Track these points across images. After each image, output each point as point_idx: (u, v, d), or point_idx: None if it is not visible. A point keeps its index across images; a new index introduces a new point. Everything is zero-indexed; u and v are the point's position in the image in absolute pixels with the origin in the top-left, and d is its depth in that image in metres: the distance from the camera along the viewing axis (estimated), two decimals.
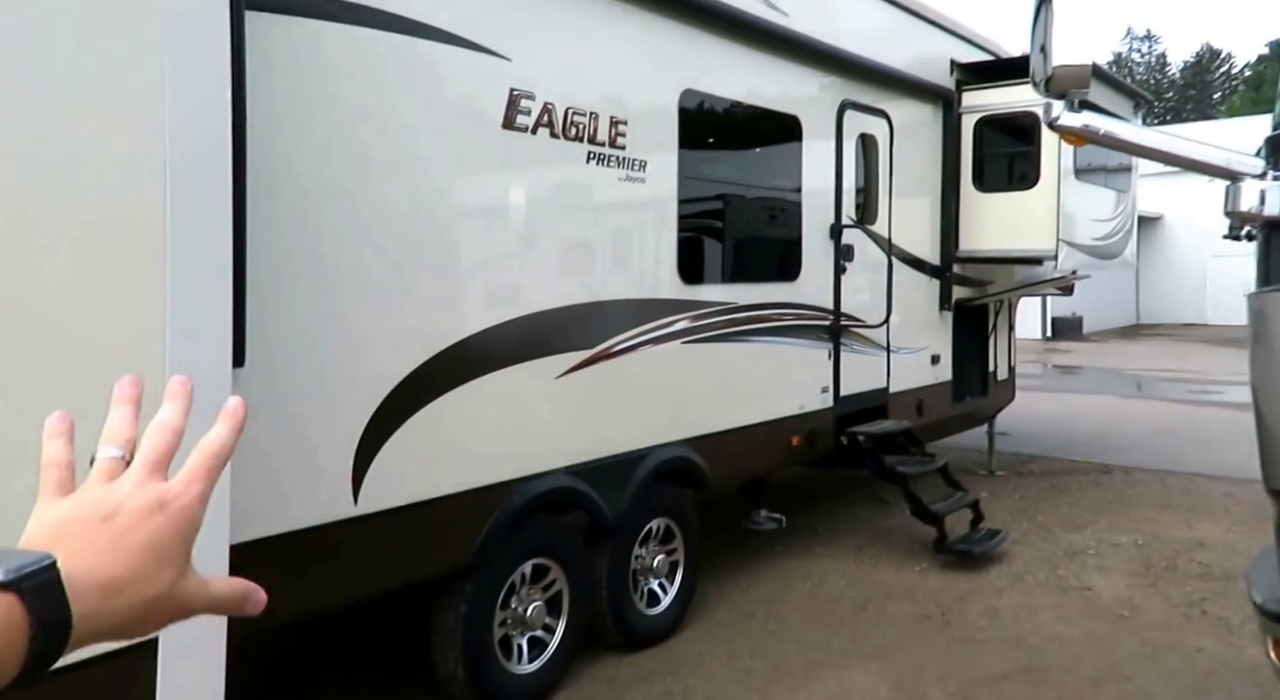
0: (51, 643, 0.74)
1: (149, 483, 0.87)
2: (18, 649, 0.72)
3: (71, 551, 0.79)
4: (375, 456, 4.24)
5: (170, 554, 0.84)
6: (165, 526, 0.85)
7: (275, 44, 3.78)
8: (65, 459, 0.90)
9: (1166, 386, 19.37)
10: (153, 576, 0.83)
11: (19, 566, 0.74)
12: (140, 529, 0.83)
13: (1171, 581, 7.19)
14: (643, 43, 5.79)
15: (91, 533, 0.82)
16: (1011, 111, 8.98)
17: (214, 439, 0.93)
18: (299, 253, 3.94)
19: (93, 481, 0.88)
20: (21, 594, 0.72)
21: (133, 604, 0.81)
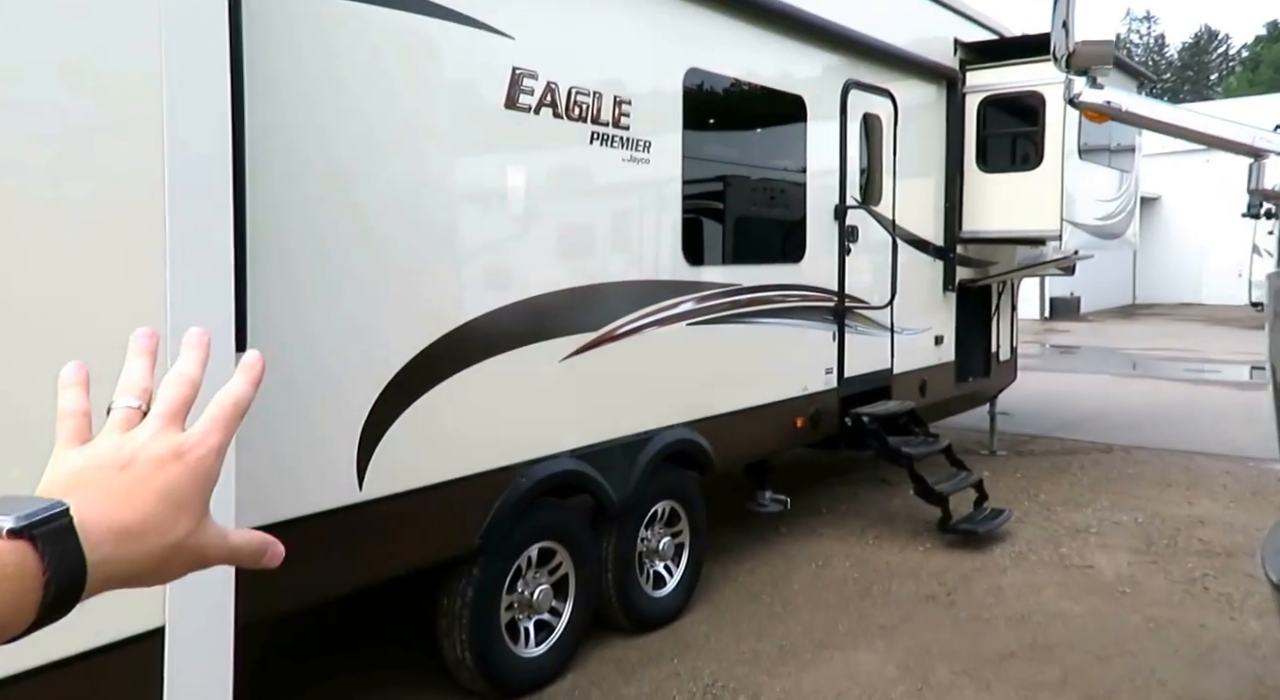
0: (66, 589, 0.75)
1: (166, 432, 0.86)
2: (32, 596, 0.72)
3: (87, 498, 0.78)
4: (380, 441, 4.17)
5: (187, 502, 0.84)
6: (182, 475, 0.84)
7: (272, 22, 3.69)
8: (81, 408, 0.89)
9: (1164, 365, 19.35)
10: (170, 524, 0.83)
11: (31, 513, 0.73)
12: (157, 477, 0.83)
13: (1172, 558, 7.18)
14: (647, 20, 5.70)
15: (107, 480, 0.82)
16: (1015, 91, 8.89)
17: (231, 391, 0.92)
18: (300, 236, 3.86)
19: (109, 430, 0.87)
20: (34, 540, 0.73)
21: (149, 551, 0.81)
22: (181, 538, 0.83)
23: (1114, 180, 9.87)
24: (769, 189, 6.91)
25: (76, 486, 0.81)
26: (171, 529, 0.82)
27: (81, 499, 0.78)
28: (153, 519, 0.82)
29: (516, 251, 4.90)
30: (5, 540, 0.72)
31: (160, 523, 0.82)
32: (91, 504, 0.78)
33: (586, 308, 5.28)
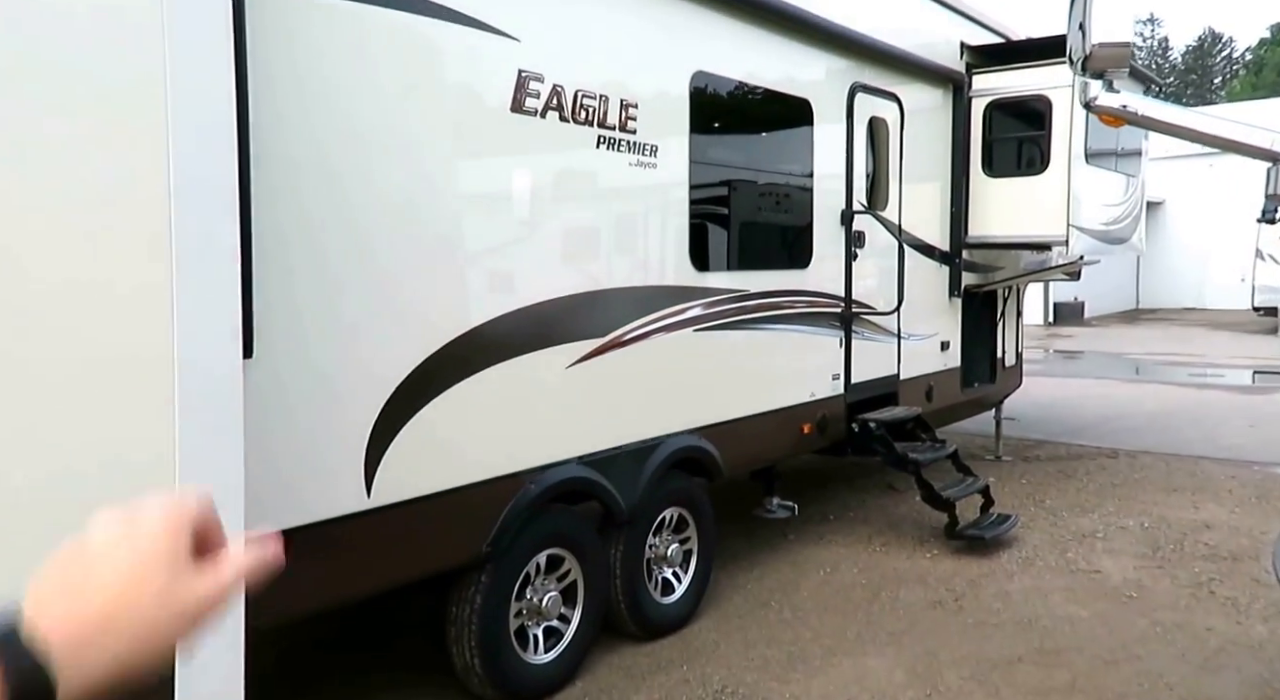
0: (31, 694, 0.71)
1: (121, 518, 0.82)
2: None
3: (42, 598, 0.76)
4: (387, 449, 4.15)
5: (148, 566, 0.79)
6: (137, 542, 0.80)
7: (276, 25, 3.66)
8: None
9: (1168, 370, 19.35)
10: (133, 596, 0.78)
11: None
12: (110, 557, 0.79)
13: (1179, 563, 7.17)
14: (653, 22, 5.68)
15: (63, 575, 0.78)
16: (1022, 95, 8.87)
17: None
18: (304, 243, 3.84)
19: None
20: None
21: (126, 638, 0.77)
22: (155, 602, 0.78)
23: (1120, 185, 9.85)
24: (775, 194, 6.88)
25: (38, 587, 0.77)
26: (136, 601, 0.77)
27: (38, 600, 0.75)
28: (111, 602, 0.77)
29: (522, 257, 4.87)
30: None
31: (121, 600, 0.77)
32: (48, 604, 0.75)
33: (593, 314, 5.26)
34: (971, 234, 9.03)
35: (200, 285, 2.83)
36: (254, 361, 3.39)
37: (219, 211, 2.90)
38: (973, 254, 9.29)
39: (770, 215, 6.91)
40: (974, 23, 9.27)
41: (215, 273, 2.89)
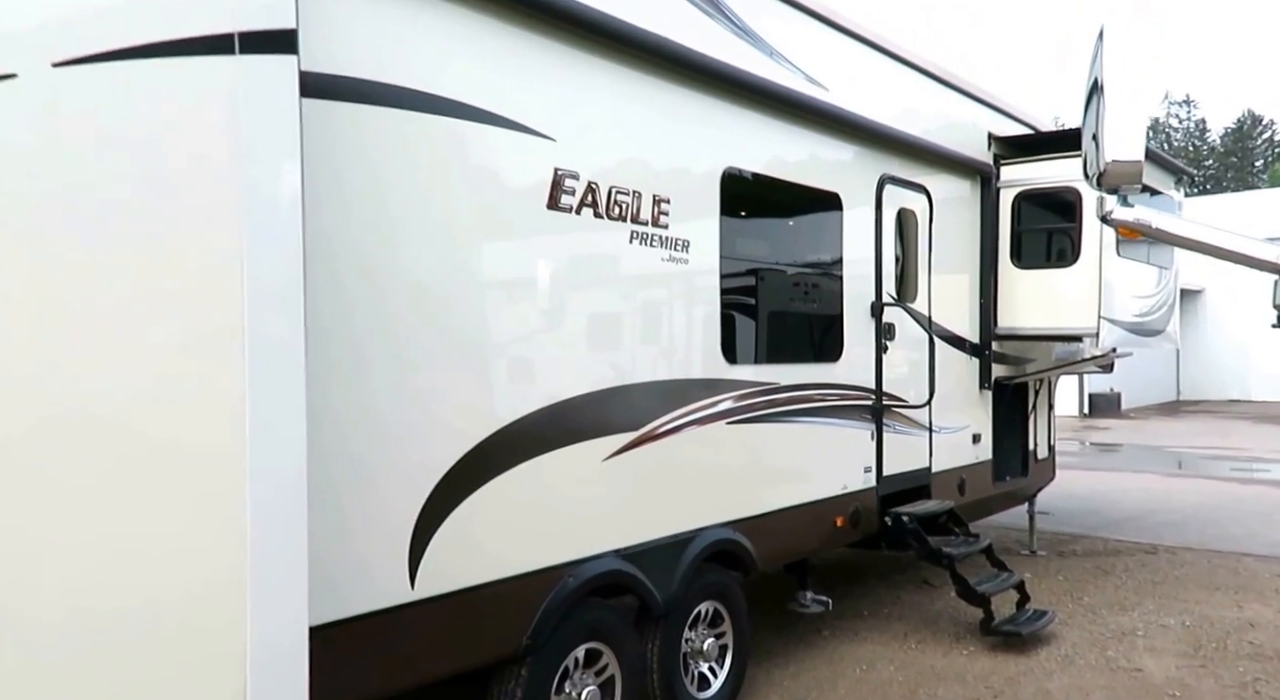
0: None
1: None
2: None
3: None
4: (431, 541, 4.40)
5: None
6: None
7: (329, 131, 4.00)
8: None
9: (1210, 464, 19.44)
10: None
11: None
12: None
13: (1223, 662, 7.29)
14: (685, 120, 6.03)
15: None
16: (1051, 186, 9.20)
17: None
18: (355, 339, 4.14)
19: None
20: None
21: None
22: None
23: (1153, 276, 10.13)
24: (805, 287, 7.20)
25: None
26: None
27: None
28: None
29: (559, 352, 5.16)
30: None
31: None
32: None
33: (628, 407, 5.54)
34: (1001, 326, 9.32)
35: (271, 394, 3.09)
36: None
37: (287, 317, 3.17)
38: (1003, 346, 9.58)
39: (801, 308, 7.23)
40: (1001, 114, 9.67)
41: (285, 378, 3.16)
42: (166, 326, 2.93)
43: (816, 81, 6.97)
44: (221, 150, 2.91)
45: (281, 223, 3.07)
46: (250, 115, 2.93)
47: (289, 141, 3.06)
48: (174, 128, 2.86)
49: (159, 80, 2.78)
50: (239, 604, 2.96)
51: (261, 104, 2.97)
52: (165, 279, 2.91)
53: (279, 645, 3.08)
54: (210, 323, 3.01)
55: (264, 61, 2.95)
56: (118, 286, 2.83)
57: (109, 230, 2.79)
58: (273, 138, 3.04)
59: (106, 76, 2.68)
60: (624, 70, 5.52)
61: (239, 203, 2.93)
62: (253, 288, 2.98)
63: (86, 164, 2.70)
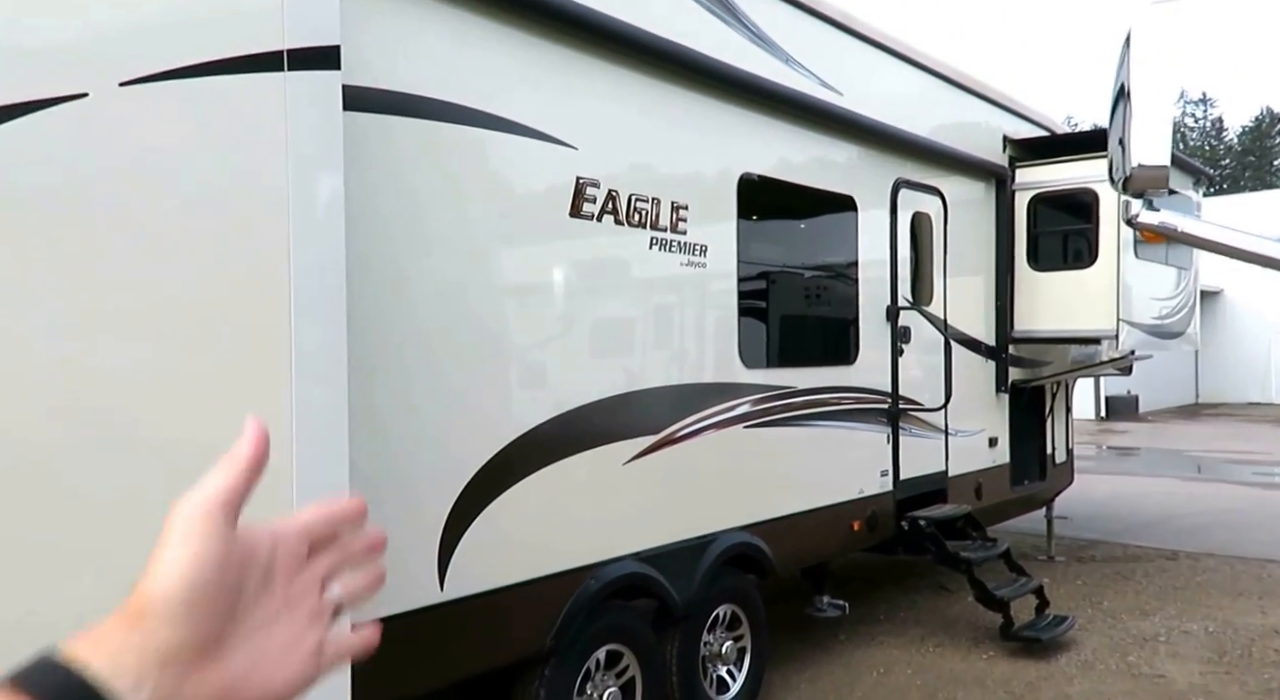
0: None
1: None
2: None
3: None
4: (459, 543, 4.60)
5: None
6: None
7: (366, 142, 4.20)
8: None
9: (1230, 468, 19.53)
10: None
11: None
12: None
13: (1248, 669, 7.42)
14: (702, 126, 6.23)
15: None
16: (1067, 188, 9.39)
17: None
18: (384, 344, 4.33)
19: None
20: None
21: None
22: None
23: (1172, 277, 10.29)
24: (821, 290, 7.41)
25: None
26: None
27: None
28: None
29: (581, 357, 5.37)
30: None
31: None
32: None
33: (648, 412, 5.74)
34: (1017, 329, 9.50)
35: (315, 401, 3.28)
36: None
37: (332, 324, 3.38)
38: (1020, 349, 9.76)
39: (817, 312, 7.43)
40: (1015, 116, 9.86)
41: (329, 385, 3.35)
42: (217, 334, 3.13)
43: (831, 86, 7.16)
44: (272, 162, 3.11)
45: (326, 231, 3.27)
46: (298, 128, 3.14)
47: (333, 152, 3.27)
48: (227, 141, 3.07)
49: (214, 97, 2.99)
50: None
51: (308, 117, 3.17)
52: (217, 287, 3.11)
53: None
54: (259, 330, 3.20)
55: (311, 77, 3.16)
56: (173, 295, 3.02)
57: (166, 241, 2.99)
58: (318, 149, 3.24)
59: (167, 94, 2.90)
60: (644, 78, 5.72)
61: (287, 212, 3.13)
62: (299, 295, 3.17)
63: (146, 178, 2.91)
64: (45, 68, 2.72)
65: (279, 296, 3.19)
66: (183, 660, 0.75)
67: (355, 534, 0.94)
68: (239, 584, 0.80)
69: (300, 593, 0.86)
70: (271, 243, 3.15)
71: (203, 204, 3.05)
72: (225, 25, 3.03)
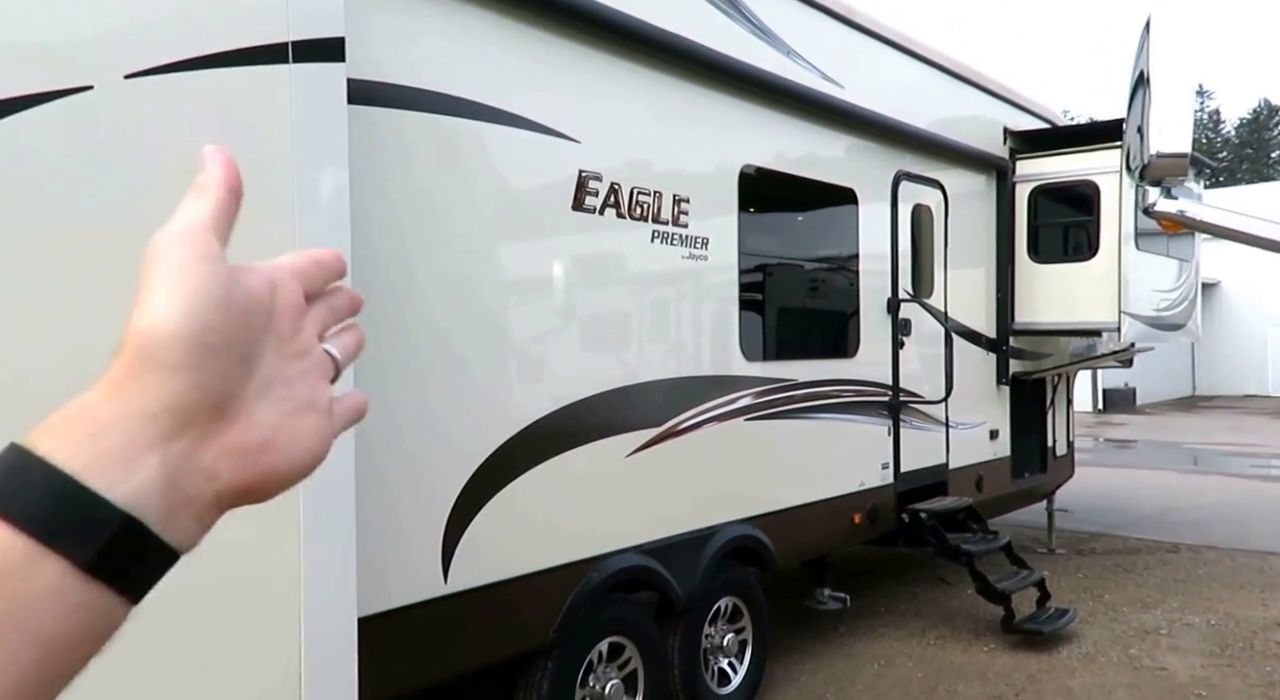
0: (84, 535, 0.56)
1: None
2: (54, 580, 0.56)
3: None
4: (463, 535, 4.60)
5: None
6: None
7: (371, 135, 4.18)
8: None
9: (1228, 461, 19.54)
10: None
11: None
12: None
13: (1249, 661, 7.43)
14: (704, 119, 6.22)
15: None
16: (1068, 180, 9.39)
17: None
18: (385, 335, 4.30)
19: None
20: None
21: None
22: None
23: (1173, 269, 10.29)
24: (823, 284, 7.41)
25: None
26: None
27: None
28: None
29: (584, 349, 5.37)
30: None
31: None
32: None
33: (650, 404, 5.74)
34: (1018, 321, 9.50)
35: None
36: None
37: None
38: (1020, 341, 9.77)
39: (818, 304, 7.43)
40: (1016, 108, 9.85)
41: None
42: None
43: (832, 79, 7.15)
44: (277, 154, 3.10)
45: (332, 224, 3.26)
46: (303, 120, 3.13)
47: (339, 146, 3.26)
48: (232, 135, 3.06)
49: (219, 89, 2.99)
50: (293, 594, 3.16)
51: (313, 109, 3.17)
52: None
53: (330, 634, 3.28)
54: None
55: (315, 70, 3.15)
56: None
57: None
58: (323, 141, 3.24)
59: (171, 86, 2.89)
60: (646, 71, 5.71)
61: (293, 204, 3.12)
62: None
63: (152, 170, 2.90)
64: (49, 60, 2.71)
65: None
66: (196, 421, 0.61)
67: (337, 287, 0.79)
68: (246, 326, 0.65)
69: (305, 344, 0.72)
70: (277, 237, 3.14)
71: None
72: (229, 17, 3.02)
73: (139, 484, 0.57)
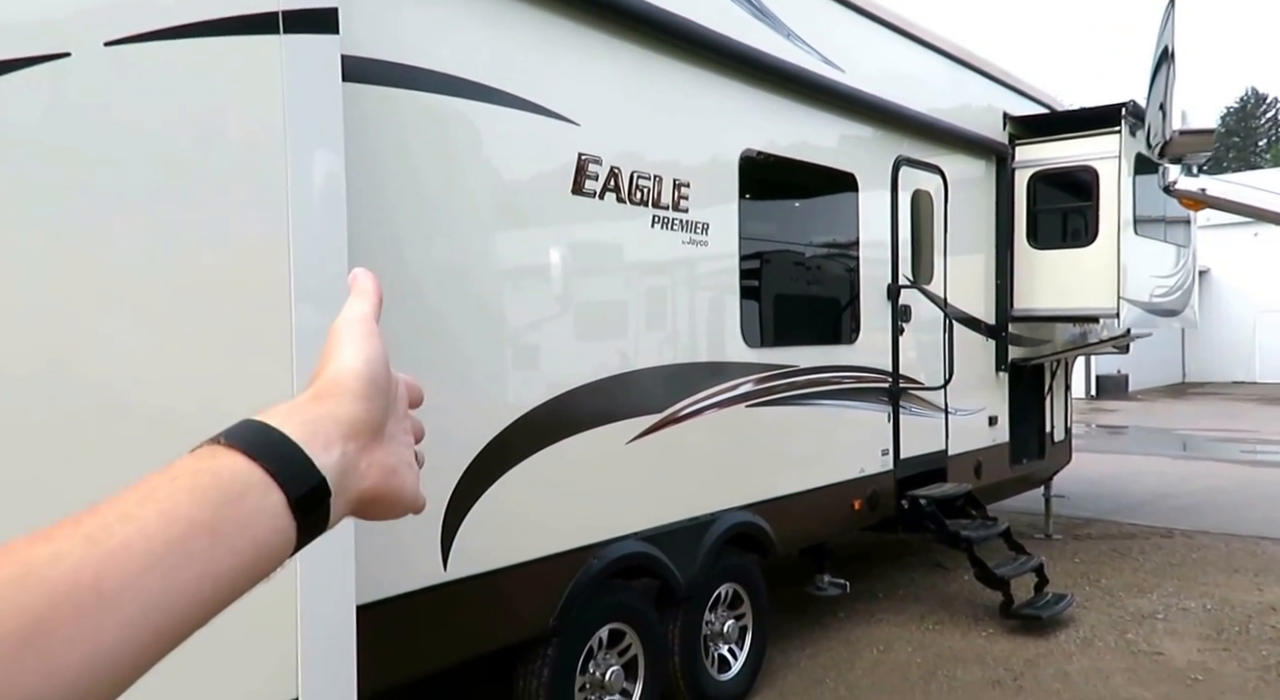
0: (301, 482, 0.76)
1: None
2: (272, 507, 0.74)
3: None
4: (462, 523, 4.48)
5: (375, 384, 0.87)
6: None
7: (365, 114, 4.03)
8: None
9: (1219, 446, 19.52)
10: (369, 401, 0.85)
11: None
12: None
13: (1245, 645, 7.35)
14: (704, 103, 6.07)
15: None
16: (1067, 166, 9.24)
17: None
18: (385, 323, 4.16)
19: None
20: (238, 448, 0.74)
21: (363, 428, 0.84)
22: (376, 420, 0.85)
23: (1171, 255, 10.18)
24: (823, 270, 7.27)
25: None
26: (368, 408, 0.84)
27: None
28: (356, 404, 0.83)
29: (582, 336, 5.23)
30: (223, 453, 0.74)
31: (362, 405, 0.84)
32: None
33: (650, 391, 5.60)
34: (1017, 307, 9.38)
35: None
36: None
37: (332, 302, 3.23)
38: (1019, 327, 9.63)
39: (818, 290, 7.29)
40: (1017, 93, 9.71)
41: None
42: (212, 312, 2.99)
43: (832, 62, 7.00)
44: (266, 130, 2.95)
45: (327, 202, 3.12)
46: (294, 94, 2.98)
47: (332, 122, 3.11)
48: (220, 107, 2.92)
49: (205, 59, 2.83)
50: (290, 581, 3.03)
51: (306, 83, 3.01)
52: (210, 262, 2.96)
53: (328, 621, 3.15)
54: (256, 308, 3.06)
55: (307, 41, 3.00)
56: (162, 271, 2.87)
57: (154, 212, 2.84)
58: (316, 118, 3.09)
59: (155, 55, 2.73)
60: (646, 53, 5.57)
61: (284, 183, 2.97)
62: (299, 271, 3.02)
63: (135, 143, 2.75)
64: (23, 25, 2.54)
65: (277, 274, 3.05)
66: (363, 435, 0.83)
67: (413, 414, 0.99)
68: (389, 385, 0.89)
69: (405, 417, 0.94)
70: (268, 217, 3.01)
71: (193, 175, 2.90)
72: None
73: (331, 461, 0.78)
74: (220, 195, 2.93)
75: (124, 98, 2.70)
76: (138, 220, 2.78)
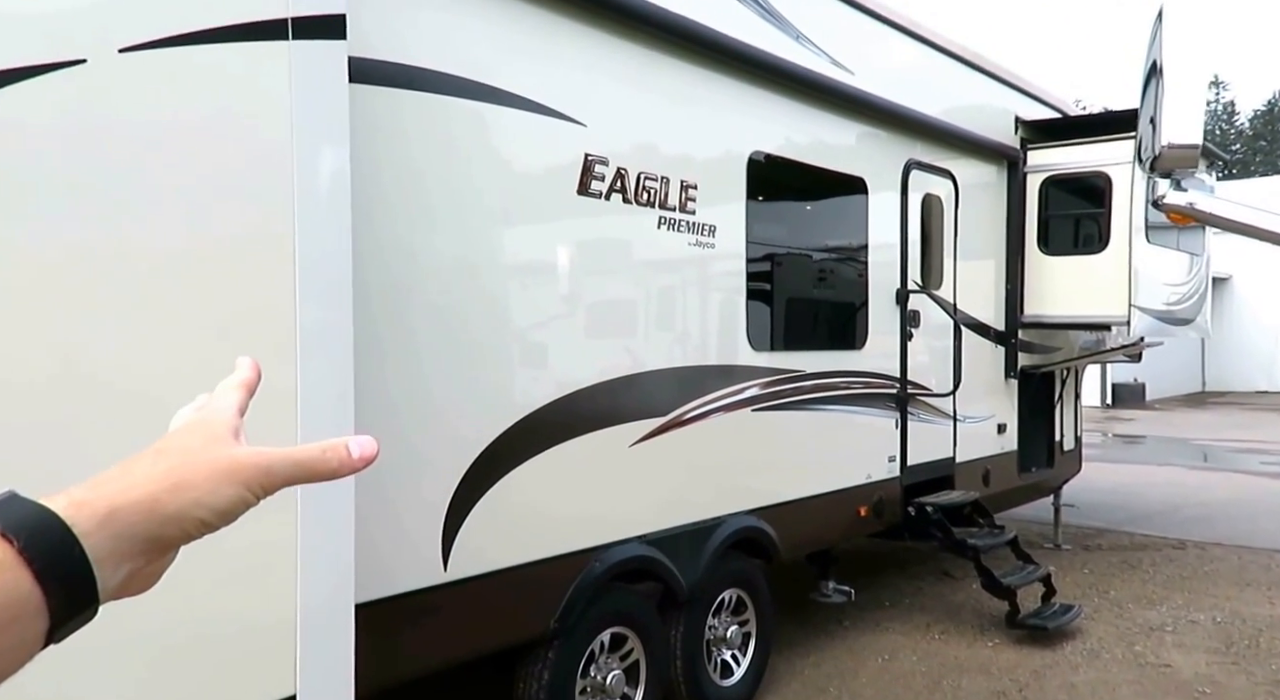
0: (57, 559, 0.76)
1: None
2: (22, 587, 0.74)
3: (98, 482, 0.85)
4: (463, 523, 4.57)
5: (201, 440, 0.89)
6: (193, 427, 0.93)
7: (372, 116, 4.13)
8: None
9: (1238, 457, 19.50)
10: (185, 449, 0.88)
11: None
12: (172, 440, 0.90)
13: (1255, 659, 7.40)
14: (712, 104, 6.16)
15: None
16: (1080, 171, 9.31)
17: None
18: (385, 324, 4.28)
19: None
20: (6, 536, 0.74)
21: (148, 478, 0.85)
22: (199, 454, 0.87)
23: (1184, 263, 10.19)
24: (830, 273, 7.36)
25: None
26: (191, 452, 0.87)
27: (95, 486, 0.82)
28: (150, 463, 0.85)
29: (588, 337, 5.33)
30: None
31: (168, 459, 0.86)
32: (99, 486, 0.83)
33: (654, 393, 5.70)
34: (1027, 313, 9.43)
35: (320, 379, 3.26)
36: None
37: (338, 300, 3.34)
38: (1029, 334, 9.70)
39: (825, 295, 7.38)
40: (1028, 97, 9.77)
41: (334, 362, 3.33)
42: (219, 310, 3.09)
43: (842, 65, 7.09)
44: (275, 133, 3.06)
45: (332, 205, 3.23)
46: (303, 99, 3.09)
47: (339, 125, 3.22)
48: (231, 112, 3.02)
49: (217, 65, 2.95)
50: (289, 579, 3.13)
51: (314, 88, 3.13)
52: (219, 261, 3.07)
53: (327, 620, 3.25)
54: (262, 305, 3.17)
55: (315, 46, 3.11)
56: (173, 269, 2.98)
57: (167, 213, 2.95)
58: (324, 121, 3.20)
59: (168, 62, 2.84)
60: (653, 54, 5.65)
61: (292, 185, 3.08)
62: (304, 270, 3.13)
63: (147, 147, 2.86)
64: (41, 32, 2.67)
65: (283, 273, 3.15)
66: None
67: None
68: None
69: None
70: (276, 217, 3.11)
71: (204, 177, 3.01)
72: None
73: (115, 581, 0.80)
74: (229, 198, 3.04)
75: (137, 103, 2.82)
76: (149, 223, 2.90)
